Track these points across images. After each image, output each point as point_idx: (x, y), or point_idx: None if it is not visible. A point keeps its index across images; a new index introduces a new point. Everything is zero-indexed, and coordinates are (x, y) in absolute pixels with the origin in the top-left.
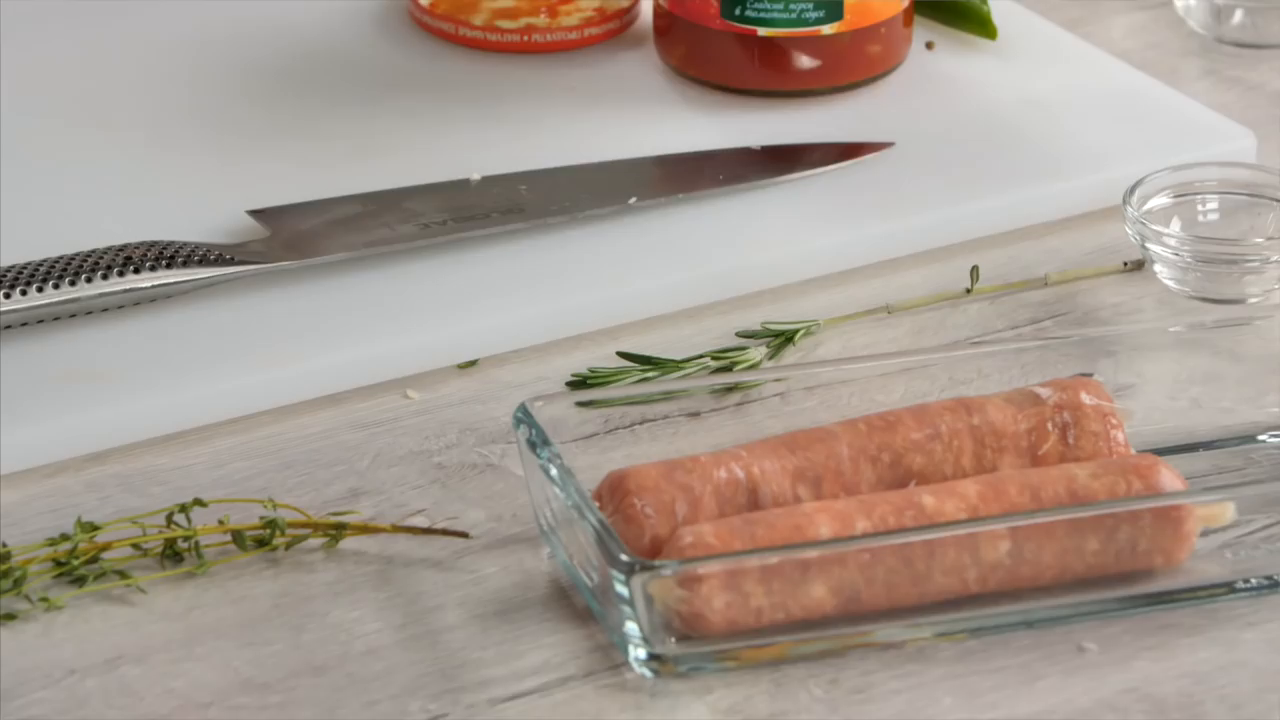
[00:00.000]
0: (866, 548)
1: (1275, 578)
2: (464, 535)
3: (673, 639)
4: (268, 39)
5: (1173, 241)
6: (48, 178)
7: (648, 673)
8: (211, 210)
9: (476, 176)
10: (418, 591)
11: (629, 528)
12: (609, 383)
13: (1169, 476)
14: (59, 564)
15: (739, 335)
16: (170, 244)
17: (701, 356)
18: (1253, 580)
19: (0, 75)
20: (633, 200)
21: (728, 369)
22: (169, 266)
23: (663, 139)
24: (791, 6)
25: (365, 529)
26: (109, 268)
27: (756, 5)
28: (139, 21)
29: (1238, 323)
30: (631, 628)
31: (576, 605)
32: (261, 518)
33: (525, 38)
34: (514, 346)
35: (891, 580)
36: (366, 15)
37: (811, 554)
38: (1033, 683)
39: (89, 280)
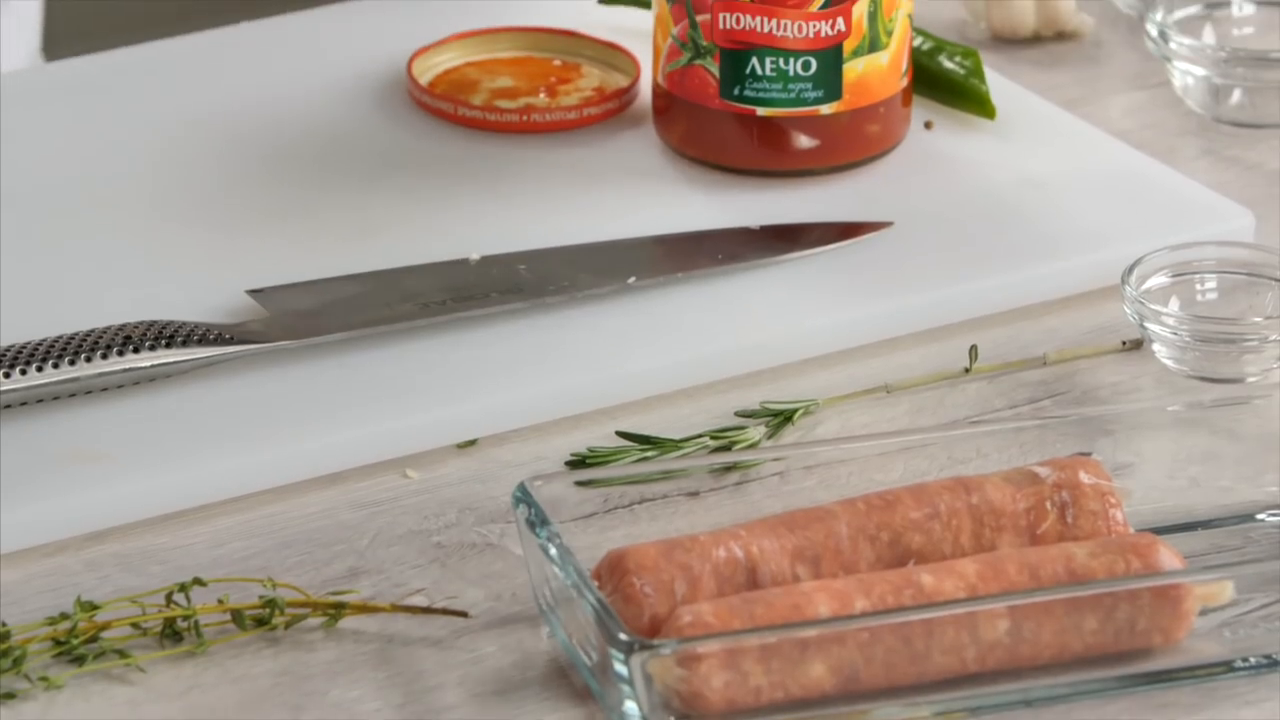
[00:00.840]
0: (865, 627)
1: (1274, 656)
2: (463, 614)
3: (672, 718)
4: (267, 119)
5: (1171, 321)
6: (47, 257)
7: None
8: (210, 290)
9: (475, 256)
10: (417, 671)
11: (628, 607)
12: (608, 462)
13: (1167, 555)
14: (58, 643)
15: (738, 415)
16: (169, 324)
17: (700, 436)
18: (1251, 659)
19: (0, 154)
20: (632, 279)
21: (727, 448)
22: (168, 346)
23: (661, 218)
24: (790, 86)
25: (364, 608)
26: (108, 347)
27: (755, 85)
28: (138, 101)
29: (1236, 402)
30: (631, 707)
31: (575, 684)
32: (261, 597)
33: (524, 117)
34: (513, 426)
35: (890, 659)
36: (366, 95)
37: (810, 633)
38: None
39: (88, 360)
